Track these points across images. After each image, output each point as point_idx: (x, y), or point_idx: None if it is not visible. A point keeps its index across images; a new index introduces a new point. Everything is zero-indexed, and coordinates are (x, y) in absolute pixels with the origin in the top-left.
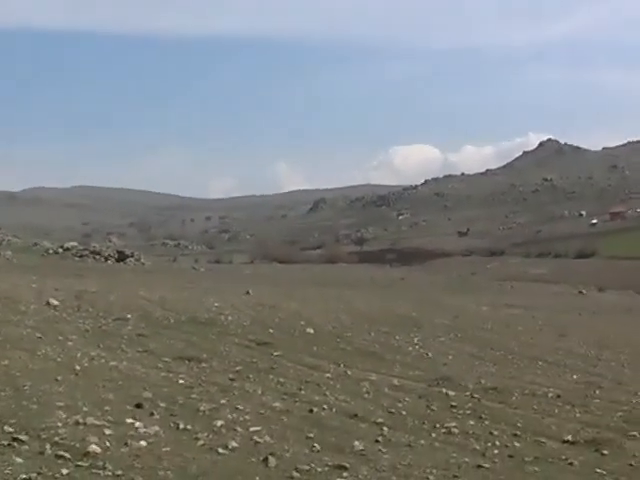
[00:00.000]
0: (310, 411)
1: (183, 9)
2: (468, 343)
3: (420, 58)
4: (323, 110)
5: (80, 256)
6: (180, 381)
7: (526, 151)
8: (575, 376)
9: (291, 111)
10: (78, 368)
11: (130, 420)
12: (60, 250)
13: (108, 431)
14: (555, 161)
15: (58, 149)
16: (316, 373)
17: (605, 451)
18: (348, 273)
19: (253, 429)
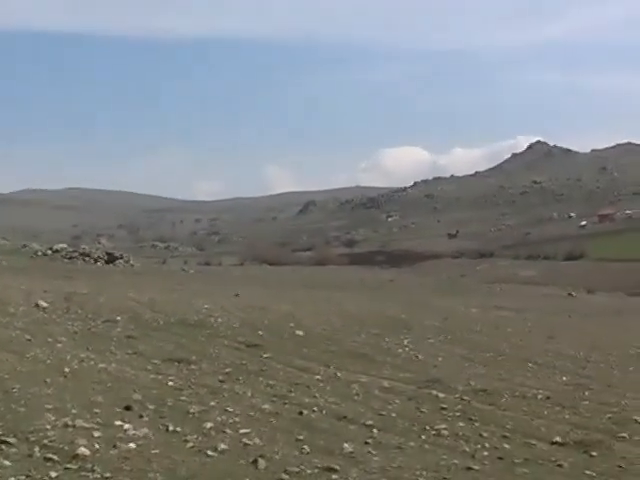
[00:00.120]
0: (300, 413)
1: (173, 10)
2: (458, 345)
3: (409, 61)
4: (313, 112)
5: (69, 258)
6: (169, 383)
7: (515, 153)
8: (564, 378)
9: (281, 113)
10: (67, 370)
11: (119, 422)
12: (49, 252)
13: (97, 433)
14: (544, 163)
15: (48, 151)
16: (306, 375)
17: (594, 453)
18: (338, 275)
19: (242, 431)
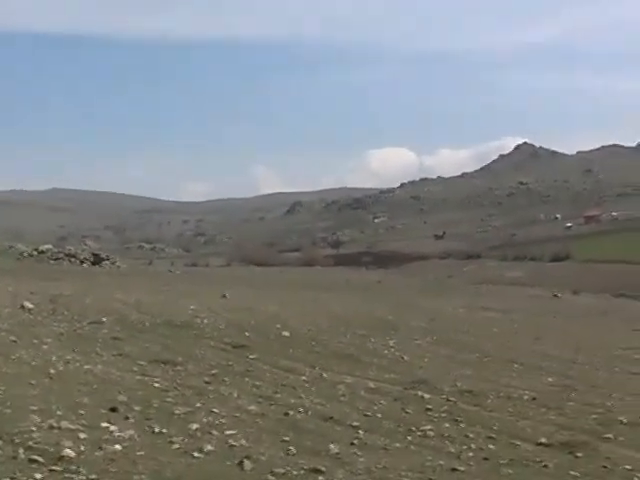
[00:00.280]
0: (286, 414)
1: (161, 11)
2: (444, 346)
3: (396, 62)
4: (300, 113)
5: (55, 259)
6: (155, 384)
7: (502, 154)
8: (550, 379)
9: (268, 114)
10: (53, 372)
11: (105, 424)
12: (35, 253)
13: (82, 435)
14: (531, 165)
15: (34, 152)
16: (292, 376)
17: (579, 453)
18: (324, 276)
19: (228, 432)
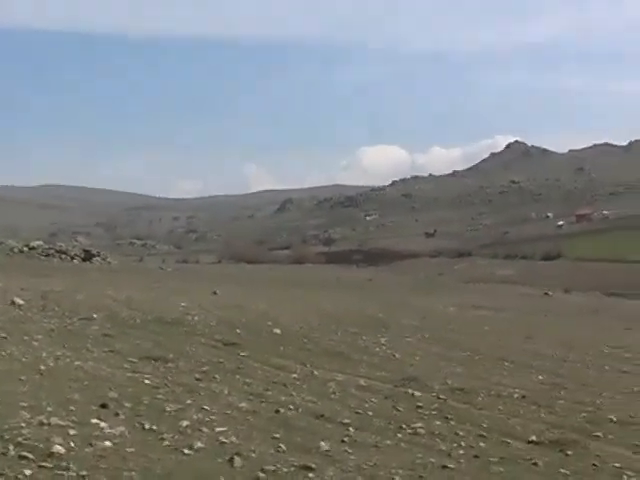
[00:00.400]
0: (276, 411)
1: (157, 9)
2: (435, 344)
3: (388, 61)
4: (291, 111)
5: (46, 255)
6: (146, 381)
7: (493, 153)
8: (541, 377)
9: (260, 112)
10: (43, 368)
11: (95, 420)
12: (25, 249)
13: (73, 431)
14: (522, 163)
15: (26, 148)
16: (283, 373)
17: (569, 452)
18: (315, 273)
19: (219, 429)
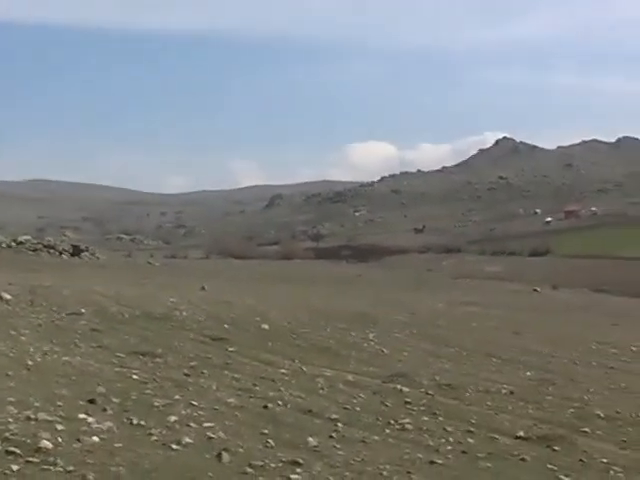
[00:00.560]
0: (265, 407)
1: (140, 8)
2: (424, 340)
3: (377, 57)
4: (280, 106)
5: (34, 250)
6: (134, 376)
7: (482, 149)
8: (529, 373)
9: (249, 107)
10: (30, 363)
11: (83, 416)
12: (13, 244)
13: (60, 427)
14: (510, 159)
15: (13, 142)
16: (271, 369)
17: (557, 447)
18: (304, 269)
19: (207, 425)
